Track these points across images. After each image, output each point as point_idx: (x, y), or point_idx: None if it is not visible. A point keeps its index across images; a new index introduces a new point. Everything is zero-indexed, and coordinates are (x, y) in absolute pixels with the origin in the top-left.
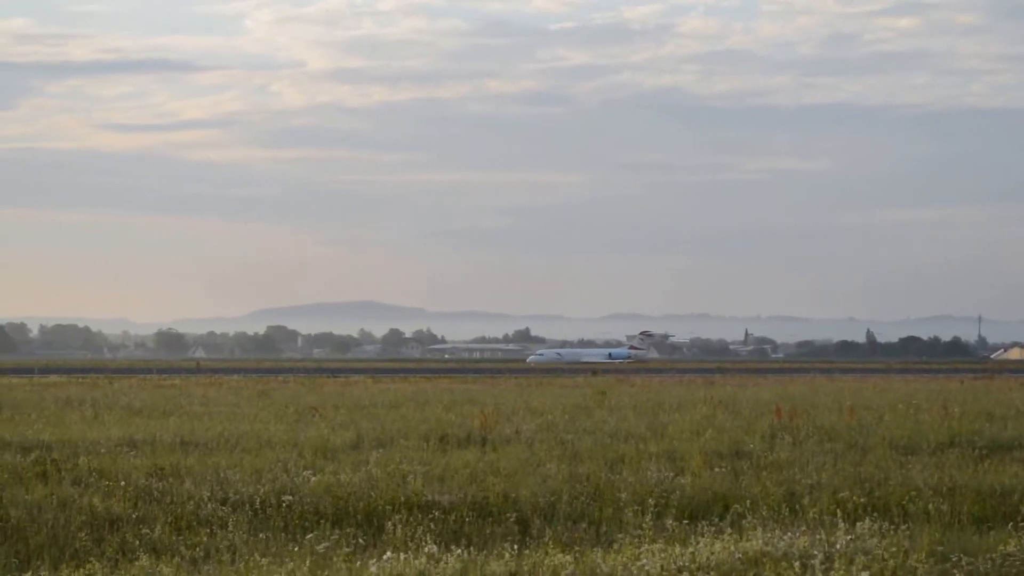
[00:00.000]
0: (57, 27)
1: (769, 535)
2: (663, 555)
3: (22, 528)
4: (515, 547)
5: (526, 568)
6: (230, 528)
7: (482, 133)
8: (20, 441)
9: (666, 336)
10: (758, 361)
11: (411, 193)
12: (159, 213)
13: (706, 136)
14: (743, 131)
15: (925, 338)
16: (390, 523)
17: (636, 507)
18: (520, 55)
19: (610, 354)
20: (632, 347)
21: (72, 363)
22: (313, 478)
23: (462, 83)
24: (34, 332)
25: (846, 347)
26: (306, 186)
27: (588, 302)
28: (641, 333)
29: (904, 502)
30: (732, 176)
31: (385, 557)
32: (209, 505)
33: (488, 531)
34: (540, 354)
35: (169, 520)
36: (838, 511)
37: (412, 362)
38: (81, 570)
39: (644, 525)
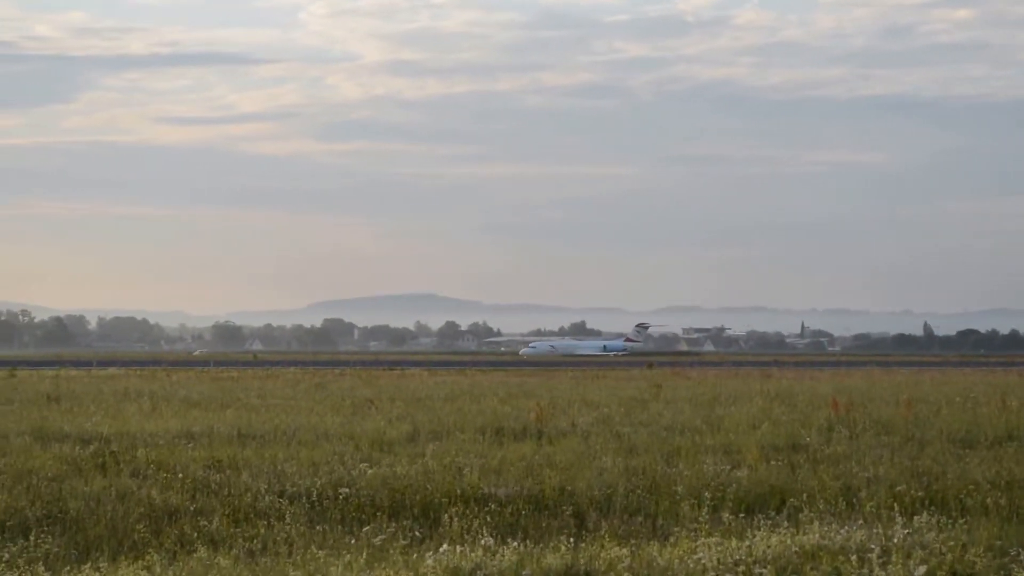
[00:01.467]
0: (114, 21)
1: (826, 529)
2: (719, 548)
3: (81, 519)
4: (571, 540)
5: (582, 561)
6: (287, 520)
7: (538, 126)
8: (79, 433)
9: (723, 328)
10: (815, 354)
11: (467, 185)
12: (216, 206)
13: (762, 128)
14: (799, 123)
15: (983, 331)
16: (446, 516)
17: (692, 500)
18: (575, 47)
19: (605, 346)
20: (628, 339)
21: (130, 356)
22: (370, 471)
23: (517, 76)
24: (92, 325)
25: (903, 340)
26: (362, 179)
27: (644, 295)
28: (637, 325)
29: (962, 496)
30: (788, 168)
31: (441, 550)
32: (266, 497)
33: (544, 524)
34: (533, 347)
35: (227, 512)
36: (895, 505)
37: (468, 355)
38: (139, 562)
39: (700, 518)
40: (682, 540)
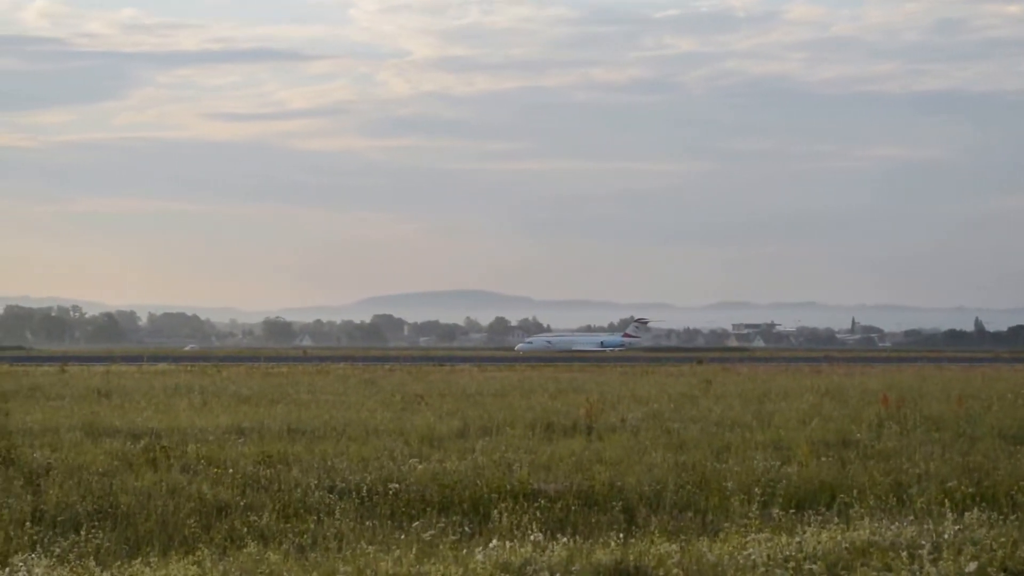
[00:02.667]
0: (165, 17)
1: (876, 525)
2: (769, 544)
3: (132, 514)
4: (621, 536)
5: (632, 557)
6: (337, 515)
7: (588, 121)
8: (130, 428)
9: (772, 324)
10: (865, 350)
11: (516, 181)
12: (267, 202)
13: (812, 123)
14: (850, 118)
15: None
16: (496, 511)
17: (742, 496)
18: (625, 43)
19: (602, 342)
20: (626, 334)
21: (180, 351)
22: (419, 466)
23: (567, 71)
24: (143, 320)
25: (954, 336)
26: (411, 175)
27: (694, 290)
28: (636, 320)
29: (1013, 492)
30: (839, 163)
31: (491, 545)
32: (316, 493)
33: (594, 520)
34: (529, 342)
35: (277, 507)
36: (946, 501)
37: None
38: (190, 556)
39: (750, 514)
40: (732, 536)
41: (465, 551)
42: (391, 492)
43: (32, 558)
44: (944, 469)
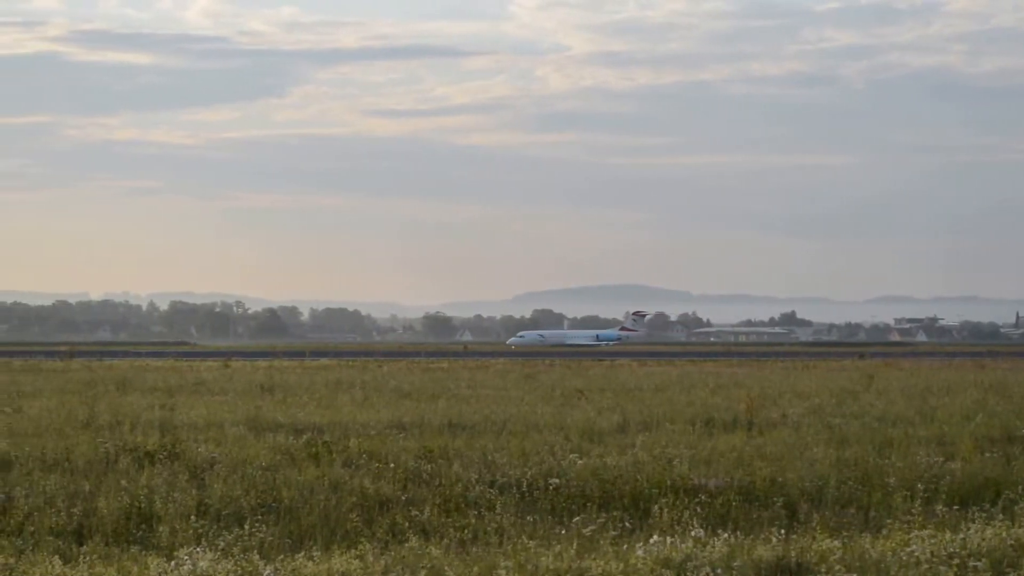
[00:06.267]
0: (324, 15)
1: None
2: (933, 542)
3: (295, 509)
4: (782, 532)
5: (793, 553)
6: (498, 510)
7: (746, 116)
8: (292, 423)
9: (935, 318)
10: None
11: (675, 176)
12: (426, 198)
13: (974, 116)
14: (1012, 110)
15: None
16: (656, 507)
17: (905, 492)
18: (785, 36)
19: (598, 336)
20: (623, 328)
21: (342, 347)
22: (579, 461)
23: (725, 65)
24: (305, 316)
25: None
26: (570, 170)
27: (855, 285)
28: (634, 313)
29: None
30: (1001, 156)
31: (651, 541)
32: (477, 487)
33: (755, 515)
34: (521, 336)
35: (438, 502)
36: None
37: (677, 345)
38: (352, 551)
39: (913, 510)
40: (895, 532)
41: (625, 547)
42: (551, 487)
43: (197, 551)
44: None
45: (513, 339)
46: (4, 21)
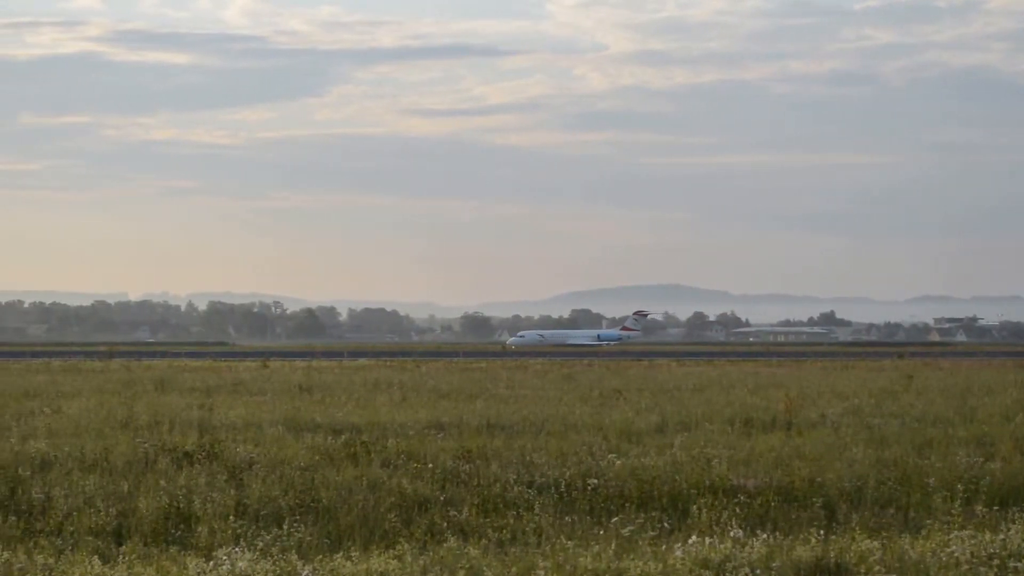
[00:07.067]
0: (363, 14)
1: None
2: (973, 542)
3: (333, 508)
4: (821, 532)
5: (832, 554)
6: (536, 511)
7: (786, 114)
8: (331, 423)
9: (975, 318)
10: None
11: (714, 175)
12: (464, 196)
13: (1015, 115)
14: None
15: None
16: (695, 507)
17: (945, 493)
18: (824, 35)
19: (599, 336)
20: (625, 328)
21: (380, 347)
22: (618, 461)
23: (765, 64)
24: (343, 316)
25: None
26: (609, 169)
27: (895, 284)
28: (635, 313)
29: None
30: None
31: (690, 541)
32: (515, 488)
33: (794, 516)
34: (521, 335)
35: (476, 502)
36: None
37: (716, 345)
38: (391, 551)
39: (953, 511)
40: (934, 533)
41: (664, 547)
42: (590, 487)
43: (236, 551)
44: None
45: (512, 339)
46: (44, 21)
